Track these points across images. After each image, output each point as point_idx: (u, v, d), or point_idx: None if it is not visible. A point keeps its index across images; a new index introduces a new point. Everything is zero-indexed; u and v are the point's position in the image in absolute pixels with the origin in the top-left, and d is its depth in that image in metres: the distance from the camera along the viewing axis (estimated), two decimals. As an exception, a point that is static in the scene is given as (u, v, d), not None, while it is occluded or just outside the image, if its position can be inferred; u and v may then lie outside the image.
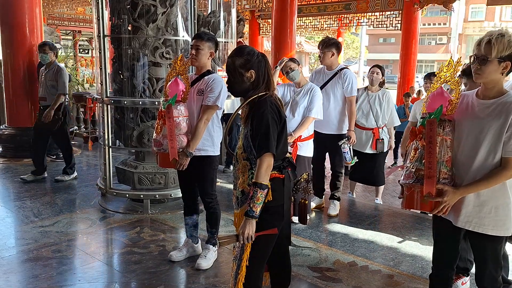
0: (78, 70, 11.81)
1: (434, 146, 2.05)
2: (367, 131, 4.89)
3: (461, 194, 2.08)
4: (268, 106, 2.12)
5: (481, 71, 2.01)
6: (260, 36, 16.02)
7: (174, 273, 3.29)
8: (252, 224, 2.08)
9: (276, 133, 2.12)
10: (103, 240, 3.94)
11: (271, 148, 2.07)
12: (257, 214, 2.07)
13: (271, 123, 2.10)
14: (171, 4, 4.41)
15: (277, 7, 9.01)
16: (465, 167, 2.12)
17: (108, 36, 4.47)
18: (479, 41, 2.01)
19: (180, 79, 3.08)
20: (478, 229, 2.11)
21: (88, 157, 7.23)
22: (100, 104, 4.56)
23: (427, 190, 2.04)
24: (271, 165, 2.09)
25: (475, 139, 2.08)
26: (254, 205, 2.05)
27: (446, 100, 2.12)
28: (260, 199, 2.05)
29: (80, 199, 4.93)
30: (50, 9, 15.66)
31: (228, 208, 4.42)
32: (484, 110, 2.08)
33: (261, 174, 2.06)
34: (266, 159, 2.07)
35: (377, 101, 4.84)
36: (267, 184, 2.07)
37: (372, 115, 4.85)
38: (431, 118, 2.10)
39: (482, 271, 2.22)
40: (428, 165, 2.04)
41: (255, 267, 2.20)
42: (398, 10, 12.41)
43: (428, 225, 4.31)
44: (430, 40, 41.47)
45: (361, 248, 3.79)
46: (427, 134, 2.08)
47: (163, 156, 3.14)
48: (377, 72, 4.88)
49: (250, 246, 2.14)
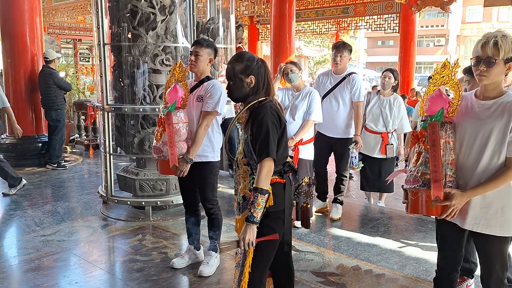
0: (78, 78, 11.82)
1: (438, 149, 2.03)
2: (376, 135, 4.84)
3: (469, 196, 2.06)
4: (268, 111, 2.12)
5: (487, 73, 1.99)
6: (260, 41, 16.06)
7: (176, 280, 3.28)
8: (253, 229, 2.07)
9: (276, 138, 2.12)
10: (104, 248, 3.93)
11: (271, 152, 2.07)
12: (258, 220, 2.06)
13: (271, 128, 2.10)
14: (170, 11, 4.42)
15: (275, 13, 9.05)
16: (469, 170, 2.10)
17: (108, 44, 4.48)
18: (483, 42, 1.99)
19: (179, 85, 3.08)
20: (486, 230, 2.09)
21: (89, 164, 7.23)
22: (101, 111, 4.57)
23: (435, 194, 2.01)
24: (272, 170, 2.09)
25: (478, 142, 2.07)
26: (255, 210, 2.04)
27: (446, 102, 2.11)
28: (260, 204, 2.04)
29: (81, 207, 4.92)
30: (50, 19, 15.71)
31: (229, 214, 4.41)
32: (485, 112, 2.07)
33: (261, 179, 2.05)
34: (266, 164, 2.07)
35: (388, 105, 4.79)
36: (268, 189, 2.06)
37: (382, 120, 4.80)
38: (433, 121, 2.08)
39: (488, 273, 2.20)
40: (434, 168, 2.01)
41: (258, 273, 2.19)
42: (395, 13, 12.45)
43: (431, 227, 4.29)
44: (428, 42, 41.52)
45: (364, 252, 3.78)
46: (430, 137, 2.05)
47: (163, 163, 3.13)
48: (389, 76, 4.79)
49: (252, 252, 2.13)
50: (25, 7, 6.75)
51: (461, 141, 2.12)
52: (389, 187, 5.11)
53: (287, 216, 2.21)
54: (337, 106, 4.42)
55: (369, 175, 5.01)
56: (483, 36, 2.01)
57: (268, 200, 2.08)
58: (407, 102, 8.24)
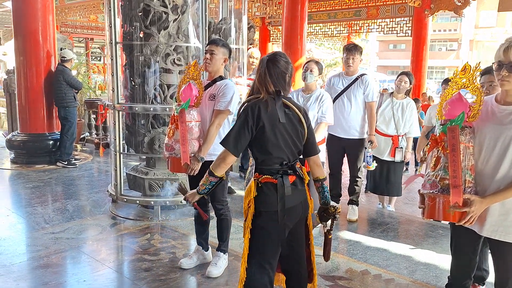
0: (90, 77, 11.90)
1: (458, 154, 1.97)
2: (386, 138, 4.84)
3: (488, 203, 2.01)
4: (248, 107, 2.20)
5: (510, 78, 1.94)
6: (271, 43, 16.04)
7: (184, 280, 3.27)
8: (195, 195, 2.42)
9: (244, 134, 2.18)
10: (113, 247, 3.94)
11: (227, 144, 2.22)
12: (200, 191, 2.37)
13: (241, 123, 2.19)
14: (183, 11, 4.42)
15: (287, 14, 9.01)
16: (488, 176, 2.05)
17: (120, 43, 4.49)
18: (505, 47, 1.94)
19: (194, 84, 3.08)
20: (505, 237, 2.05)
21: (99, 163, 7.26)
22: (112, 110, 4.58)
23: (454, 200, 1.96)
24: (226, 160, 2.25)
25: (498, 147, 2.02)
26: (201, 185, 2.35)
27: (466, 107, 2.05)
28: (205, 181, 2.33)
29: (90, 206, 4.94)
30: (63, 17, 15.85)
31: (239, 215, 4.39)
32: (507, 117, 2.02)
33: (214, 163, 2.30)
34: (222, 153, 2.27)
35: (400, 109, 4.79)
36: (215, 174, 2.29)
37: (394, 122, 4.80)
38: (453, 125, 2.02)
39: (504, 281, 2.14)
40: (453, 174, 1.96)
41: (253, 268, 2.22)
42: (408, 16, 12.35)
43: (442, 233, 4.24)
44: (441, 46, 41.19)
45: (374, 256, 3.74)
46: (450, 142, 2.00)
47: (174, 160, 3.13)
48: (405, 80, 4.81)
49: (247, 249, 2.23)
50: (38, 5, 6.80)
51: (481, 146, 2.08)
52: (397, 190, 5.08)
53: (281, 217, 2.20)
54: (350, 107, 4.43)
55: (377, 178, 4.98)
56: (506, 41, 1.97)
57: (216, 183, 2.33)
58: (420, 106, 8.15)
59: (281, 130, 2.21)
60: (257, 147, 2.23)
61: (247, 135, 2.18)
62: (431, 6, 11.57)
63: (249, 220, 2.23)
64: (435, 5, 11.47)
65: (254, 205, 2.22)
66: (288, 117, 2.24)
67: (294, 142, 2.27)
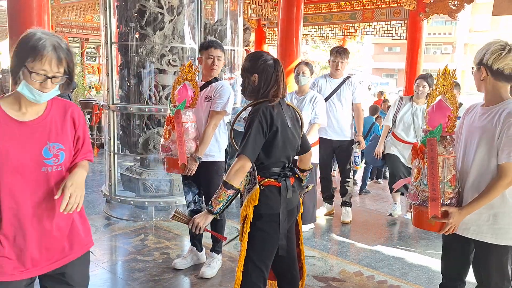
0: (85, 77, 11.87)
1: (436, 166, 2.00)
2: (404, 144, 4.54)
3: (466, 214, 2.05)
4: (260, 112, 2.12)
5: None
6: (266, 44, 16.05)
7: (178, 281, 3.27)
8: (207, 217, 2.09)
9: (260, 140, 2.11)
10: (107, 247, 3.93)
11: (246, 151, 2.08)
12: (216, 211, 2.08)
13: (256, 128, 2.10)
14: (178, 12, 4.43)
15: (283, 16, 9.01)
16: (465, 173, 2.13)
17: (115, 43, 4.49)
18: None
19: (189, 85, 3.10)
20: (476, 236, 2.09)
21: (94, 163, 7.22)
22: (107, 110, 4.57)
23: (432, 212, 2.01)
24: (245, 168, 2.09)
25: (470, 146, 2.10)
26: (215, 201, 2.07)
27: (445, 117, 2.05)
28: (222, 197, 2.06)
29: (84, 206, 4.81)
30: (58, 17, 15.76)
31: (233, 216, 4.40)
32: (482, 117, 2.09)
33: (230, 174, 2.07)
34: (240, 161, 2.07)
35: (421, 114, 4.49)
36: (234, 186, 2.06)
37: (413, 130, 4.51)
38: (432, 136, 2.03)
39: (487, 284, 2.15)
40: (432, 186, 1.99)
41: (249, 273, 2.19)
42: (403, 19, 12.39)
43: (435, 235, 4.26)
44: (436, 49, 41.44)
45: (367, 257, 3.76)
46: (428, 154, 2.02)
47: (171, 161, 3.14)
48: (423, 85, 4.44)
49: (245, 252, 2.17)
50: (33, 4, 6.75)
51: (459, 146, 2.18)
52: None
53: (282, 220, 2.19)
54: (340, 108, 4.48)
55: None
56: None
57: (233, 196, 2.08)
58: None
59: (288, 134, 2.21)
60: (265, 151, 2.17)
61: (262, 140, 2.13)
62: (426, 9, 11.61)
63: (248, 223, 2.17)
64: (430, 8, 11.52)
65: (254, 207, 2.17)
66: (291, 119, 2.26)
67: (295, 144, 2.28)
